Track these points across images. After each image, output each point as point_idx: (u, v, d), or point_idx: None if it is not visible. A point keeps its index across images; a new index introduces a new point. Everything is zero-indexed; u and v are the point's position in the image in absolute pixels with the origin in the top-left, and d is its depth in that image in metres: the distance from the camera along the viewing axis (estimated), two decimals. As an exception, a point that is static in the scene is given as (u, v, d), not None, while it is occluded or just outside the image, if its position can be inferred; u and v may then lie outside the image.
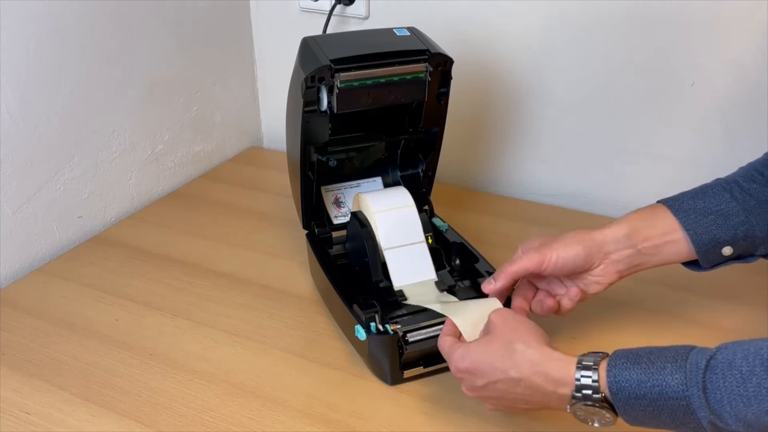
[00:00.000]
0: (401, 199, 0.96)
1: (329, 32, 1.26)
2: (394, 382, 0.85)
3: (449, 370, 0.77)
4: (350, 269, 0.97)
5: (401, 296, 0.89)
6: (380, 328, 0.83)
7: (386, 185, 1.06)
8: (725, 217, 0.77)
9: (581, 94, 1.19)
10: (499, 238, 1.10)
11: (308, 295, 1.01)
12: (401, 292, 0.90)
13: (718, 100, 1.09)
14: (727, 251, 0.78)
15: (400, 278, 0.91)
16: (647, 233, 0.79)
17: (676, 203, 0.80)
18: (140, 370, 0.88)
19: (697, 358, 0.62)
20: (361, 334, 0.83)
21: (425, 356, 0.84)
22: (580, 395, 0.66)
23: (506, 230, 1.15)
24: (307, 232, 1.01)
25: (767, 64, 1.03)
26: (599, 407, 0.65)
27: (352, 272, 0.96)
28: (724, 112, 1.10)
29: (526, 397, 0.70)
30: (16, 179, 1.04)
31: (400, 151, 1.05)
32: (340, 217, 1.03)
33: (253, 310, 0.98)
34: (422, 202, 1.02)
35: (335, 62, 0.86)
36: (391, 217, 0.93)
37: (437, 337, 0.80)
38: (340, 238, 1.01)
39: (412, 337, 0.83)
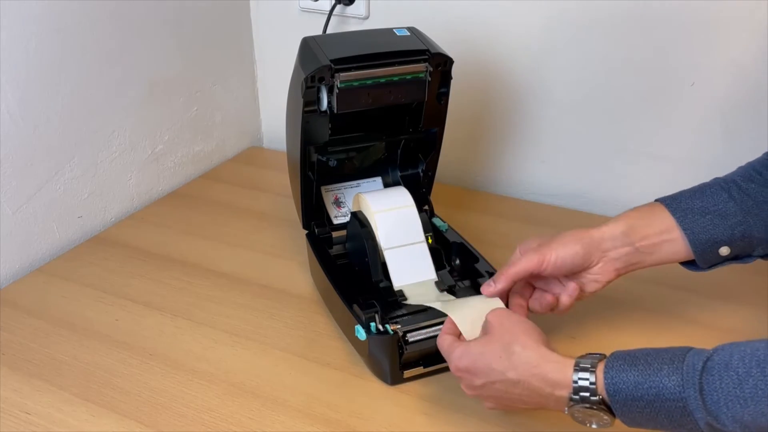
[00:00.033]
0: (401, 199, 0.96)
1: (329, 32, 1.26)
2: (394, 382, 0.85)
3: (449, 370, 0.77)
4: (350, 269, 0.97)
5: (401, 296, 0.89)
6: (380, 328, 0.83)
7: (386, 185, 1.06)
8: (723, 217, 0.77)
9: (581, 94, 1.19)
10: (499, 238, 1.10)
11: (308, 295, 1.01)
12: (401, 292, 0.90)
13: (718, 100, 1.09)
14: (724, 251, 0.78)
15: (400, 278, 0.91)
16: (644, 231, 0.79)
17: (674, 202, 0.80)
18: (140, 370, 0.88)
19: (693, 359, 0.62)
20: (361, 334, 0.83)
21: (425, 356, 0.84)
22: (577, 397, 0.66)
23: (506, 230, 1.15)
24: (307, 232, 1.01)
25: (767, 64, 1.03)
26: (597, 409, 0.65)
27: (352, 272, 0.96)
28: (724, 112, 1.10)
29: (524, 398, 0.70)
30: (16, 179, 1.04)
31: (400, 151, 1.05)
32: (340, 217, 1.03)
33: (253, 310, 0.98)
34: (422, 202, 1.02)
35: (335, 62, 0.86)
36: (391, 217, 0.93)
37: (437, 337, 0.80)
38: (340, 238, 1.00)
39: (412, 337, 0.83)
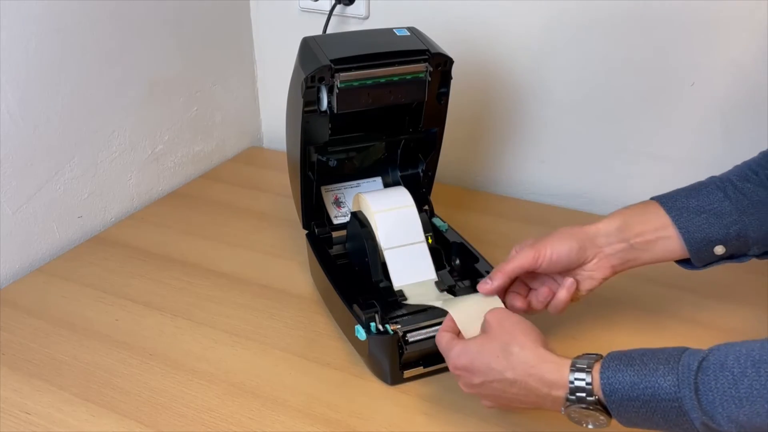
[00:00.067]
0: (401, 199, 0.96)
1: (329, 32, 1.26)
2: (394, 382, 0.85)
3: (449, 369, 0.77)
4: (350, 269, 0.97)
5: (401, 296, 0.89)
6: (380, 328, 0.83)
7: (386, 185, 1.06)
8: (718, 216, 0.77)
9: (581, 94, 1.19)
10: (499, 238, 1.10)
11: (308, 295, 1.01)
12: (401, 292, 0.89)
13: (718, 100, 1.09)
14: (719, 250, 0.78)
15: (400, 278, 0.91)
16: (639, 228, 0.80)
17: (669, 201, 0.80)
18: (140, 370, 0.88)
19: (689, 359, 0.62)
20: (361, 334, 0.83)
21: (425, 356, 0.84)
22: (574, 398, 0.66)
23: (506, 230, 1.15)
24: (307, 232, 1.01)
25: (767, 64, 1.03)
26: (593, 409, 0.65)
27: (352, 272, 0.96)
28: (724, 112, 1.10)
29: (521, 397, 0.70)
30: (16, 179, 1.04)
31: (400, 151, 1.05)
32: (340, 217, 1.03)
33: (253, 310, 0.98)
34: (422, 202, 1.02)
35: (335, 62, 0.86)
36: (391, 217, 0.93)
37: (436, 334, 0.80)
38: (340, 238, 1.00)
39: (412, 337, 0.83)
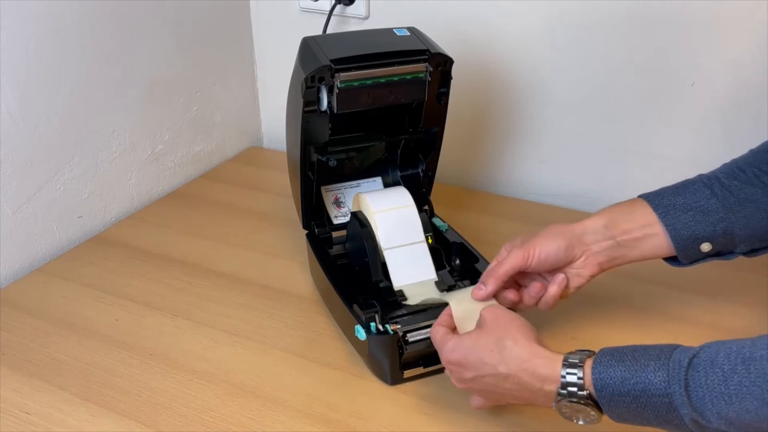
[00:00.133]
0: (401, 199, 0.96)
1: (329, 32, 1.26)
2: (394, 382, 0.85)
3: (442, 363, 0.77)
4: (350, 269, 0.97)
5: (401, 296, 0.89)
6: (380, 328, 0.83)
7: (386, 185, 1.06)
8: (705, 213, 0.78)
9: (581, 94, 1.19)
10: (499, 238, 1.08)
11: (308, 295, 1.01)
12: (401, 292, 0.89)
13: (718, 100, 1.09)
14: (706, 248, 0.78)
15: (400, 278, 0.91)
16: (626, 226, 0.80)
17: (656, 198, 0.80)
18: (140, 370, 0.88)
19: (680, 356, 0.62)
20: (361, 334, 0.83)
21: (425, 356, 0.84)
22: (565, 392, 0.66)
23: (506, 230, 1.15)
24: (307, 232, 1.01)
25: (767, 64, 1.03)
26: (584, 404, 0.66)
27: (352, 272, 0.96)
28: (724, 112, 1.10)
29: (513, 392, 0.70)
30: (16, 179, 1.04)
31: (400, 151, 1.05)
32: (340, 217, 1.03)
33: (253, 310, 0.98)
34: (422, 202, 1.02)
35: (335, 62, 0.86)
36: (391, 217, 0.93)
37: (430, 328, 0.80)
38: (340, 238, 1.00)
39: (412, 337, 0.83)
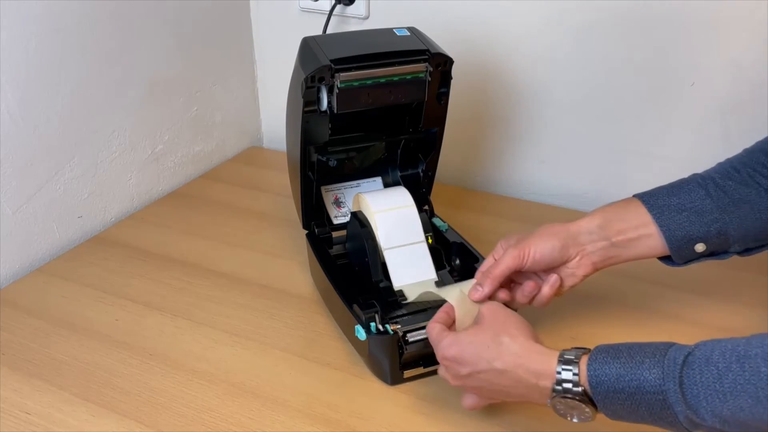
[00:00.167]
0: (401, 199, 0.96)
1: (329, 32, 1.26)
2: (394, 382, 0.85)
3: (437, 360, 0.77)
4: (350, 269, 0.97)
5: (401, 296, 0.89)
6: (380, 328, 0.83)
7: (386, 185, 1.06)
8: (699, 214, 0.78)
9: (581, 94, 1.19)
10: (498, 238, 1.08)
11: (308, 295, 1.01)
12: (401, 292, 0.89)
13: (718, 100, 1.09)
14: (700, 248, 0.79)
15: (400, 278, 0.91)
16: (620, 226, 0.80)
17: (650, 199, 0.80)
18: (140, 370, 0.88)
19: (675, 354, 0.62)
20: (361, 334, 0.83)
21: (425, 356, 0.84)
22: (560, 388, 0.66)
23: (506, 230, 1.14)
24: (307, 232, 1.01)
25: (767, 64, 1.03)
26: (579, 401, 0.66)
27: (352, 272, 0.96)
28: (724, 112, 1.10)
29: (508, 388, 0.70)
30: (16, 179, 1.04)
31: (400, 151, 1.05)
32: (340, 217, 1.03)
33: (253, 310, 0.98)
34: (422, 202, 1.02)
35: (335, 62, 0.86)
36: (391, 217, 0.93)
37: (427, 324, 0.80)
38: (340, 238, 1.00)
39: (412, 337, 0.83)
